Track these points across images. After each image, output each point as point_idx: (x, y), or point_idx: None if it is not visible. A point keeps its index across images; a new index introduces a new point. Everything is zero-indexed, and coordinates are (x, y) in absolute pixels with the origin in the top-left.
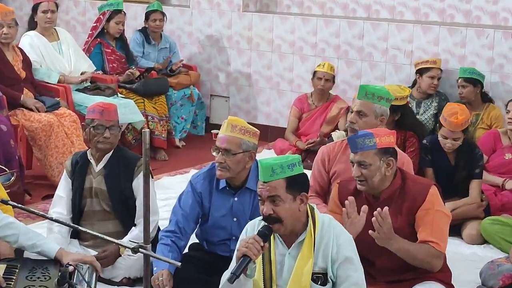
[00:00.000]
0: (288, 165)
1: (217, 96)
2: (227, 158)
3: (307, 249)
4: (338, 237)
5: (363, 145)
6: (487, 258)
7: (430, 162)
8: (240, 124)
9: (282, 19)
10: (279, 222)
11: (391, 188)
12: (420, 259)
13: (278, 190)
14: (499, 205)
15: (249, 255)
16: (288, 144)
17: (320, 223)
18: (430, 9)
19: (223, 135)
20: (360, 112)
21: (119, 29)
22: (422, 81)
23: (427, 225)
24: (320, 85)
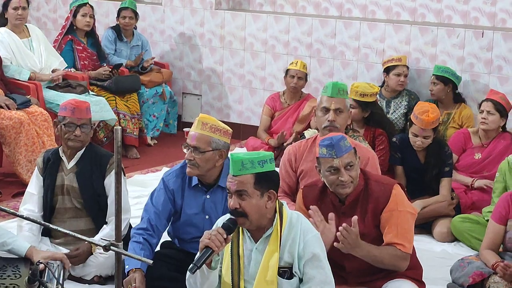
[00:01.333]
0: (258, 161)
1: (189, 94)
2: (196, 155)
3: (273, 244)
4: (305, 233)
5: (346, 147)
6: (457, 255)
7: (399, 160)
8: (211, 122)
9: (255, 17)
10: (244, 216)
11: (356, 190)
12: (387, 263)
13: (246, 185)
14: (470, 203)
15: (211, 247)
16: (261, 142)
17: (288, 219)
18: (402, 8)
19: (193, 132)
20: (338, 109)
21: (86, 21)
22: (389, 79)
23: (392, 227)
24: (293, 83)
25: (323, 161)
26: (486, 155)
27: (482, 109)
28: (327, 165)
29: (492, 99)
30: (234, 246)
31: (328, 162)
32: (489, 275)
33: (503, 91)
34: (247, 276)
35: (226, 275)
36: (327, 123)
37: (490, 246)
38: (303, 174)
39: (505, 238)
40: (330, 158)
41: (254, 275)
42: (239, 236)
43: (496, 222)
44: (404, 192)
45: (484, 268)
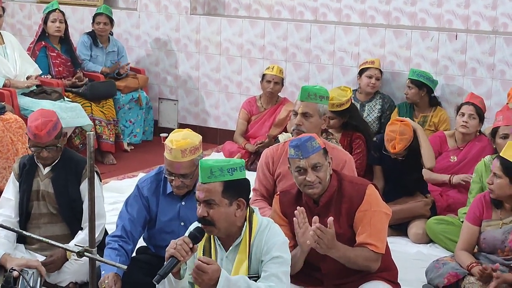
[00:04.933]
0: (228, 169)
1: (165, 100)
2: (185, 180)
3: (243, 253)
4: (270, 238)
5: (313, 148)
6: (432, 257)
7: (378, 159)
8: (188, 146)
9: (230, 22)
10: (212, 225)
11: (329, 191)
12: (360, 264)
13: (214, 194)
14: (445, 205)
15: (177, 257)
16: (237, 146)
17: (257, 227)
18: (376, 12)
19: (175, 162)
20: (305, 113)
21: (56, 27)
22: (362, 81)
23: (365, 227)
24: (269, 88)
25: (292, 162)
26: (461, 157)
27: (463, 112)
28: (295, 165)
29: (473, 103)
30: (206, 254)
31: (295, 163)
32: (464, 276)
33: (477, 93)
34: None
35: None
36: (294, 126)
37: (465, 247)
38: (280, 177)
39: (480, 239)
40: (297, 159)
41: None
42: (211, 244)
43: (470, 223)
44: (378, 192)
45: (459, 269)
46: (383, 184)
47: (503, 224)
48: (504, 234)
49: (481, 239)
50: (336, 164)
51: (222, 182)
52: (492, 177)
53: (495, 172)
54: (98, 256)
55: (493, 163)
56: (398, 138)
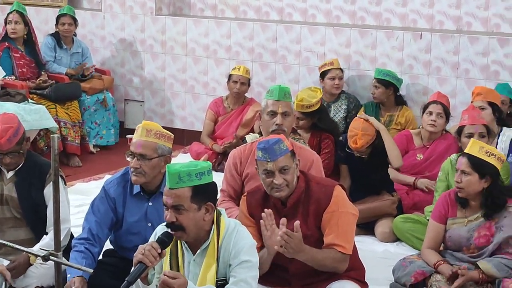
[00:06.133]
0: (196, 174)
1: (131, 101)
2: (143, 163)
3: (211, 256)
4: (238, 242)
5: (281, 151)
6: (399, 255)
7: (344, 158)
8: (155, 128)
9: (196, 22)
10: (181, 230)
11: (296, 192)
12: (328, 266)
13: (182, 200)
14: (411, 204)
15: (145, 262)
16: (204, 147)
17: (225, 230)
18: (341, 12)
19: (137, 140)
20: (285, 113)
21: (11, 29)
22: (325, 84)
23: (333, 228)
24: (236, 89)
25: (259, 164)
26: (427, 155)
27: (431, 110)
28: (262, 168)
29: (441, 102)
30: (173, 257)
31: (263, 165)
32: (431, 274)
33: (441, 92)
34: None
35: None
36: (275, 126)
37: (431, 245)
38: (248, 178)
39: (445, 237)
40: (265, 161)
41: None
42: (177, 247)
43: (436, 221)
44: (345, 193)
45: (426, 267)
46: (350, 183)
47: (468, 222)
48: (469, 232)
49: (447, 237)
50: (303, 164)
51: (191, 187)
52: (460, 175)
53: (463, 169)
54: (63, 260)
55: (459, 161)
56: (360, 134)
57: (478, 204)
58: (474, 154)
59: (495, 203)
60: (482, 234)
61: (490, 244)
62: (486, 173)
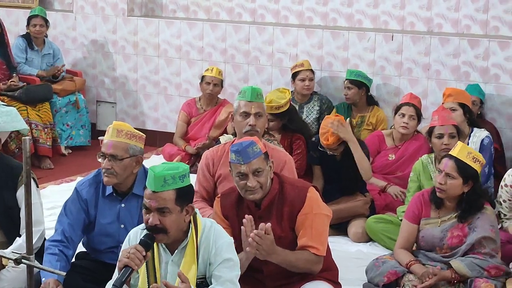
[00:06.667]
0: (179, 176)
1: (103, 102)
2: (114, 163)
3: (190, 255)
4: (216, 240)
5: (254, 153)
6: (372, 255)
7: (317, 159)
8: (126, 128)
9: (168, 23)
10: (164, 232)
11: (270, 194)
12: (302, 267)
13: (168, 202)
14: (384, 204)
15: (131, 266)
16: (177, 149)
17: (202, 228)
18: (313, 13)
19: (108, 140)
20: (258, 113)
21: None
22: (296, 85)
23: (307, 229)
24: (209, 90)
25: (233, 167)
26: (399, 156)
27: (404, 112)
28: (236, 170)
29: (413, 104)
30: (149, 259)
31: (236, 168)
32: (403, 273)
33: (413, 92)
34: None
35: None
36: (248, 127)
37: (404, 245)
38: (221, 179)
39: (418, 237)
40: (238, 164)
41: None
42: (153, 248)
43: (409, 222)
44: (319, 194)
45: (398, 267)
46: (323, 184)
47: (442, 222)
48: (442, 232)
49: (420, 237)
50: (276, 164)
51: (175, 189)
52: (445, 177)
53: (449, 172)
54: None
55: (445, 163)
56: (330, 131)
57: (453, 205)
58: (462, 159)
59: (472, 206)
60: (455, 235)
61: (463, 244)
62: (469, 178)
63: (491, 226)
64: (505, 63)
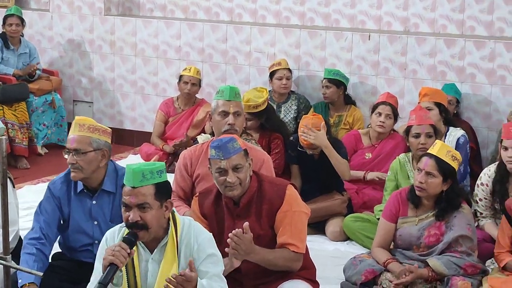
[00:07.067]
0: (157, 171)
1: (80, 102)
2: (78, 158)
3: (171, 252)
4: (197, 236)
5: (234, 149)
6: (350, 254)
7: (295, 158)
8: (88, 122)
9: (145, 22)
10: (145, 229)
11: (249, 192)
12: (281, 265)
13: (147, 197)
14: (361, 203)
15: (116, 263)
16: (155, 148)
17: (181, 225)
18: (291, 13)
19: (71, 135)
20: (237, 112)
21: None
22: (274, 84)
23: (286, 228)
24: (186, 89)
25: (212, 163)
26: (376, 154)
27: (380, 111)
28: (215, 166)
29: (390, 103)
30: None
31: (216, 163)
32: (381, 272)
33: (390, 92)
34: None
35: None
36: (227, 126)
37: (381, 244)
38: (199, 178)
39: (395, 236)
40: (218, 159)
41: (152, 285)
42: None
43: (387, 220)
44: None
45: (376, 265)
46: (301, 183)
47: (419, 220)
48: (419, 230)
49: (397, 236)
50: (254, 164)
51: (154, 184)
52: (424, 176)
53: (429, 171)
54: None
55: (425, 161)
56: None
57: (431, 204)
58: (442, 158)
59: (450, 204)
60: (432, 233)
61: (440, 243)
62: (448, 176)
63: (468, 224)
64: (481, 62)
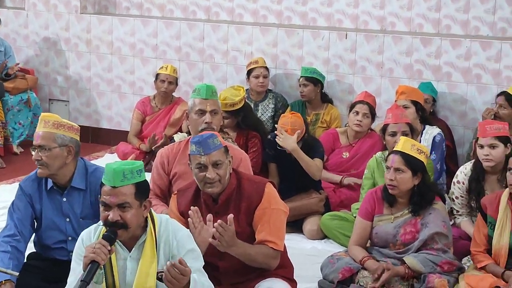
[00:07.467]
0: (137, 171)
1: (56, 100)
2: (43, 154)
3: (150, 250)
4: (176, 233)
5: (215, 145)
6: (327, 252)
7: (273, 157)
8: (53, 119)
9: (122, 21)
10: (124, 228)
11: (228, 189)
12: (260, 261)
13: (128, 197)
14: (338, 201)
15: (98, 260)
16: (131, 147)
17: (159, 223)
18: (268, 12)
19: (37, 132)
20: (214, 111)
21: None
22: (251, 82)
23: (265, 225)
24: (163, 88)
25: (192, 158)
26: (353, 153)
27: (358, 110)
28: (195, 162)
29: (368, 102)
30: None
31: (196, 159)
32: (358, 270)
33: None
34: (123, 286)
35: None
36: (204, 125)
37: (358, 242)
38: (176, 177)
39: (372, 234)
40: (198, 155)
41: (131, 283)
42: None
43: (363, 218)
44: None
45: (353, 263)
46: (278, 182)
47: (395, 218)
48: (395, 228)
49: (374, 234)
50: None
51: (134, 184)
52: (394, 173)
53: (397, 167)
54: None
55: (391, 159)
56: (289, 129)
57: (405, 201)
58: (407, 152)
59: (424, 199)
60: (408, 231)
61: (416, 241)
62: (417, 170)
63: (443, 222)
64: (457, 61)
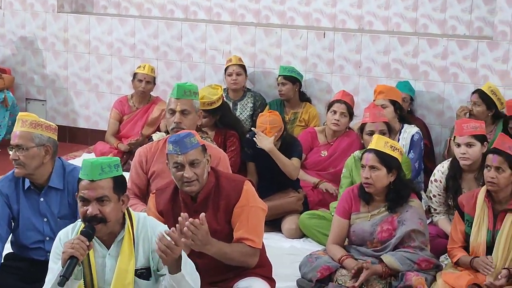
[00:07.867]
0: (114, 165)
1: (33, 100)
2: (20, 154)
3: (128, 247)
4: (154, 228)
5: (192, 144)
6: (306, 251)
7: (251, 156)
8: (31, 118)
9: (99, 20)
10: (103, 222)
11: (207, 187)
12: (237, 260)
13: (106, 190)
14: (317, 200)
15: (76, 256)
16: (109, 147)
17: (136, 220)
18: (246, 11)
19: (14, 131)
20: (184, 111)
21: None
22: (226, 80)
23: (243, 222)
24: (141, 87)
25: (170, 157)
26: (331, 152)
27: (335, 109)
28: (173, 161)
29: (345, 101)
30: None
31: (173, 158)
32: (336, 269)
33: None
34: (101, 283)
35: (79, 285)
36: (174, 124)
37: (336, 241)
38: (154, 175)
39: (349, 232)
40: (175, 154)
41: (110, 281)
42: None
43: (340, 217)
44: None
45: (331, 262)
46: (257, 181)
47: (372, 216)
48: (372, 226)
49: (351, 232)
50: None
51: (112, 178)
52: (369, 171)
53: (372, 165)
54: None
55: (365, 157)
56: (268, 127)
57: (382, 198)
58: (380, 149)
59: (400, 195)
60: (385, 229)
61: (393, 238)
62: (392, 167)
63: (419, 219)
64: (434, 60)
